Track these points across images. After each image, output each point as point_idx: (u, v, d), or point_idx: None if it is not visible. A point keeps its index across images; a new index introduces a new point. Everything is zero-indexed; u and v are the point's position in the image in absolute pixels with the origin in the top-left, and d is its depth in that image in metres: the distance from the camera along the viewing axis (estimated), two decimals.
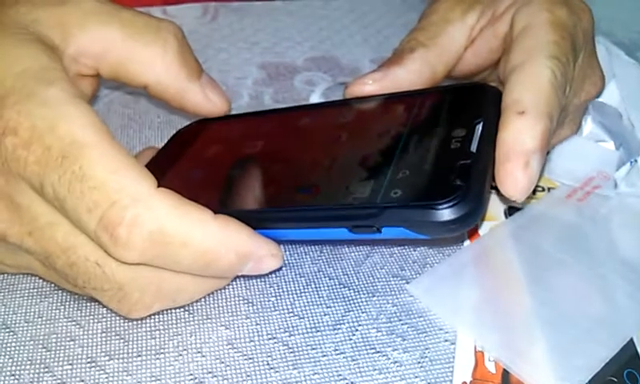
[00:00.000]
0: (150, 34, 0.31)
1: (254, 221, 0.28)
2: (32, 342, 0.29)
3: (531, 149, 0.27)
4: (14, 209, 0.26)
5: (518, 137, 0.28)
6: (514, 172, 0.27)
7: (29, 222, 0.26)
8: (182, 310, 0.30)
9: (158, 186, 0.26)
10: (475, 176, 0.26)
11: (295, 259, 0.33)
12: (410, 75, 0.34)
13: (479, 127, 0.28)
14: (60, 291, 0.31)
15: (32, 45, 0.27)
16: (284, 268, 0.32)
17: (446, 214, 0.25)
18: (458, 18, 0.35)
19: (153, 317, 0.30)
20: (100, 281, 0.26)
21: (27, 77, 0.26)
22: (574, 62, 0.32)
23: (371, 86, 0.34)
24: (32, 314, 0.30)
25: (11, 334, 0.29)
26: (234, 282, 0.32)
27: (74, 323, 0.29)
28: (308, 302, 0.31)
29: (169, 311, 0.30)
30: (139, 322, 0.30)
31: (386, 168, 0.28)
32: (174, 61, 0.31)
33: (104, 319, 0.30)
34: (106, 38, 0.30)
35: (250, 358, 0.28)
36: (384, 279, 0.32)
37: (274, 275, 0.32)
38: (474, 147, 0.27)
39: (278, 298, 0.31)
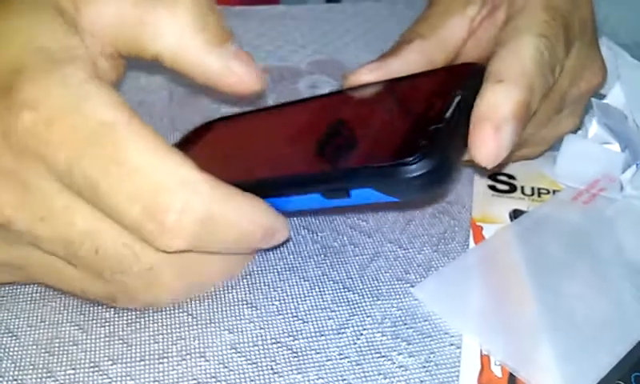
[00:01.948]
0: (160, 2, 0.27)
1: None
2: (35, 347, 0.28)
3: (504, 115, 0.27)
4: (23, 191, 0.24)
5: (492, 102, 0.28)
6: (483, 136, 0.27)
7: (42, 206, 0.24)
8: (185, 314, 0.30)
9: None
10: (442, 138, 0.26)
11: (299, 263, 0.33)
12: (405, 66, 0.34)
13: (457, 98, 0.29)
14: (63, 295, 0.31)
15: (49, 21, 0.25)
16: (288, 272, 0.32)
17: (408, 170, 0.25)
18: (459, 9, 0.36)
19: (156, 321, 0.30)
20: (129, 263, 0.25)
21: (46, 53, 0.24)
22: (566, 47, 0.32)
23: (367, 75, 0.34)
24: (35, 318, 0.30)
25: (14, 338, 0.29)
26: (238, 286, 0.31)
27: (76, 327, 0.29)
28: (312, 306, 0.31)
29: (172, 315, 0.30)
30: (142, 326, 0.29)
31: (359, 136, 0.29)
32: (188, 25, 0.27)
33: (107, 323, 0.29)
34: (117, 7, 0.27)
35: (254, 363, 0.28)
36: (389, 283, 0.32)
37: (277, 279, 0.32)
38: (447, 114, 0.28)
39: (282, 301, 0.31)
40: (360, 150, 0.28)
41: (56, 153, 0.23)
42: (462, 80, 0.30)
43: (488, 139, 0.27)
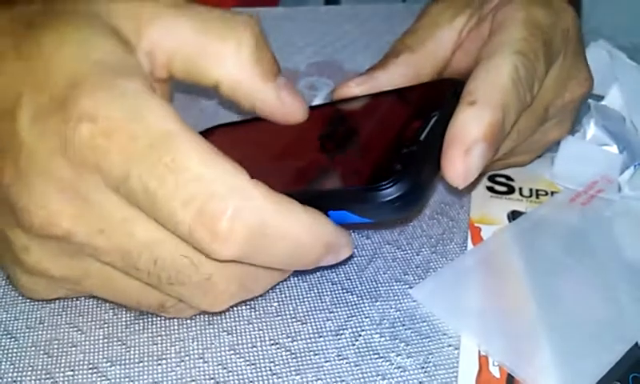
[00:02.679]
0: (224, 29, 0.28)
1: None
2: (34, 348, 0.28)
3: (474, 138, 0.28)
4: (82, 204, 0.24)
5: (464, 125, 0.28)
6: (453, 158, 0.28)
7: (101, 218, 0.24)
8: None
9: None
10: (416, 161, 0.27)
11: None
12: (393, 78, 0.35)
13: (434, 118, 0.29)
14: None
15: (106, 37, 0.26)
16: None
17: (382, 195, 0.26)
18: (447, 21, 0.36)
19: (154, 323, 0.30)
20: (187, 273, 0.25)
21: (104, 67, 0.24)
22: (547, 61, 0.32)
23: (355, 88, 0.35)
24: (33, 320, 0.30)
25: (13, 340, 0.29)
26: None
27: (75, 329, 0.29)
28: (311, 308, 0.31)
29: (171, 317, 0.30)
30: (141, 328, 0.29)
31: (337, 157, 0.29)
32: (249, 58, 0.29)
33: (105, 325, 0.30)
34: (179, 33, 0.28)
35: (253, 364, 0.28)
36: (387, 284, 0.32)
37: None
38: (422, 136, 0.28)
39: (281, 303, 0.31)
40: (336, 172, 0.28)
41: (114, 163, 0.23)
42: (442, 97, 0.31)
43: (457, 161, 0.28)
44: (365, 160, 0.28)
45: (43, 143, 0.24)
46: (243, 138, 0.35)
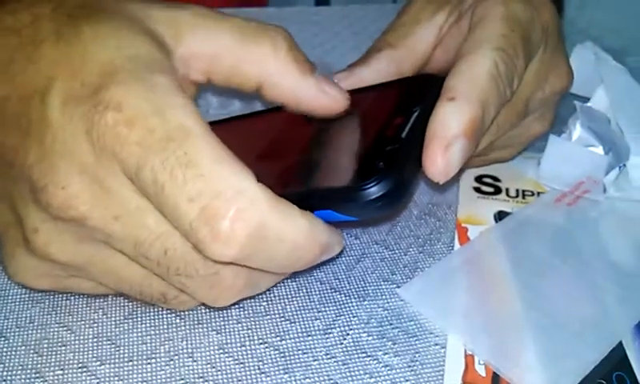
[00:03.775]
0: (259, 36, 0.30)
1: None
2: (24, 348, 0.29)
3: (454, 133, 0.28)
4: (100, 190, 0.25)
5: (443, 121, 0.28)
6: (434, 154, 0.28)
7: (117, 205, 0.25)
8: (174, 315, 0.30)
9: None
10: (398, 159, 0.27)
11: None
12: (374, 74, 0.35)
13: (415, 115, 0.29)
14: (52, 296, 0.31)
15: (142, 36, 0.27)
16: None
17: (366, 194, 0.26)
18: (428, 17, 0.37)
19: (144, 322, 0.30)
20: (196, 266, 0.26)
21: (137, 61, 0.25)
22: (527, 56, 0.32)
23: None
24: (23, 319, 0.30)
25: (3, 339, 0.29)
26: None
27: (65, 328, 0.29)
28: (299, 307, 0.31)
29: (160, 316, 0.30)
30: (130, 327, 0.30)
31: (320, 156, 0.30)
32: (286, 57, 0.30)
33: (95, 324, 0.30)
34: (218, 41, 0.29)
35: (242, 363, 0.28)
36: (375, 283, 0.32)
37: None
38: (404, 133, 0.28)
39: (270, 302, 0.31)
40: (320, 171, 0.29)
41: (131, 152, 0.24)
42: (422, 93, 0.31)
43: (438, 157, 0.28)
44: (348, 158, 0.28)
45: (70, 126, 0.25)
46: (228, 138, 0.35)
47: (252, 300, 0.31)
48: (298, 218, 0.26)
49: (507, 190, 0.39)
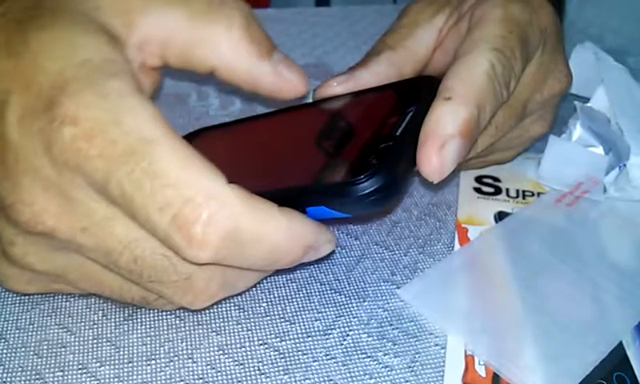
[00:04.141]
0: (213, 13, 0.28)
1: None
2: (23, 349, 0.29)
3: (450, 133, 0.28)
4: (65, 203, 0.25)
5: (439, 120, 0.28)
6: (428, 153, 0.28)
7: (83, 217, 0.25)
8: (173, 316, 0.30)
9: None
10: (391, 156, 0.27)
11: None
12: (374, 77, 0.35)
13: (410, 114, 0.29)
14: (51, 298, 0.31)
15: (94, 34, 0.26)
16: (275, 273, 0.32)
17: (358, 189, 0.26)
18: (427, 20, 0.37)
19: (144, 323, 0.30)
20: (167, 273, 0.26)
21: (89, 67, 0.24)
22: (524, 58, 0.32)
23: (336, 87, 0.35)
24: (23, 321, 0.30)
25: (2, 341, 0.29)
26: None
27: (65, 330, 0.29)
28: (299, 308, 0.31)
29: (160, 317, 0.30)
30: (130, 328, 0.30)
31: (314, 153, 0.30)
32: (242, 38, 0.28)
33: (95, 326, 0.30)
34: (170, 22, 0.28)
35: (241, 364, 0.28)
36: (375, 284, 0.32)
37: (265, 281, 0.32)
38: (398, 131, 0.28)
39: (269, 303, 0.31)
40: (314, 169, 0.29)
41: (94, 166, 0.24)
42: (418, 93, 0.31)
43: (432, 156, 0.28)
44: (342, 156, 0.28)
45: (29, 143, 0.24)
46: (226, 139, 0.35)
47: (252, 301, 0.31)
48: (276, 218, 0.25)
49: (507, 190, 0.39)
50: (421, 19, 0.37)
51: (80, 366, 0.28)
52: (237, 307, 0.31)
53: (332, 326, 0.30)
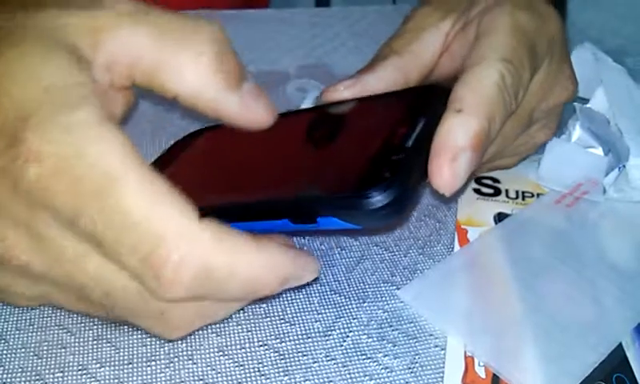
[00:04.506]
0: (184, 38, 0.27)
1: (214, 215, 0.28)
2: (23, 350, 0.29)
3: (461, 146, 0.28)
4: (36, 239, 0.24)
5: (451, 132, 0.28)
6: (440, 166, 0.28)
7: (55, 253, 0.25)
8: None
9: None
10: (403, 168, 0.27)
11: None
12: (380, 82, 0.35)
13: (421, 124, 0.29)
14: None
15: (58, 56, 0.25)
16: None
17: (370, 202, 0.26)
18: (433, 24, 0.36)
19: None
20: (140, 308, 0.26)
21: (51, 96, 0.24)
22: (533, 68, 0.32)
23: (343, 92, 0.35)
24: (23, 321, 0.30)
25: (3, 342, 0.29)
26: None
27: (65, 331, 0.30)
28: (299, 309, 0.31)
29: None
30: (130, 329, 0.30)
31: (325, 163, 0.30)
32: (208, 67, 0.27)
33: (95, 327, 0.30)
34: (138, 43, 0.27)
35: (241, 365, 0.28)
36: (375, 285, 0.32)
37: None
38: (410, 143, 0.28)
39: (269, 304, 0.31)
40: (325, 179, 0.29)
41: (62, 203, 0.23)
42: (427, 103, 0.31)
43: (444, 169, 0.28)
44: (352, 166, 0.28)
45: None
46: (231, 142, 0.35)
47: (252, 302, 0.31)
48: (251, 252, 0.25)
49: (507, 191, 0.39)
50: (427, 24, 0.36)
51: (80, 367, 0.28)
52: None
53: (332, 328, 0.30)
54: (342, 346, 0.29)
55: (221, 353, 0.29)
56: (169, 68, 0.27)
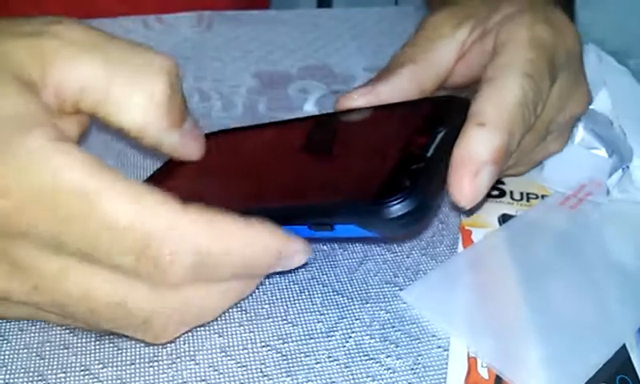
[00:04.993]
0: (135, 74, 0.27)
1: None
2: (26, 351, 0.29)
3: (483, 160, 0.28)
4: (13, 267, 0.25)
5: (473, 147, 0.28)
6: (462, 180, 0.28)
7: (33, 276, 0.25)
8: None
9: None
10: (424, 178, 0.27)
11: None
12: (396, 91, 0.34)
13: (440, 135, 0.29)
14: None
15: (5, 84, 0.24)
16: (277, 275, 0.33)
17: (390, 211, 0.26)
18: (449, 33, 0.36)
19: None
20: (124, 319, 0.26)
21: (5, 126, 0.23)
22: (551, 81, 0.32)
23: (358, 100, 0.34)
24: (26, 322, 0.30)
25: (5, 342, 0.29)
26: None
27: (67, 331, 0.29)
28: (301, 310, 0.31)
29: None
30: None
31: (344, 170, 0.30)
32: (159, 109, 0.28)
33: None
34: (84, 73, 0.26)
35: (244, 366, 0.28)
36: (377, 286, 0.32)
37: (267, 282, 0.32)
38: (430, 153, 0.28)
39: (272, 305, 0.31)
40: (344, 186, 0.28)
41: (41, 233, 0.23)
42: (446, 114, 0.31)
43: (465, 183, 0.28)
44: (372, 174, 0.28)
45: None
46: (246, 146, 0.35)
47: (254, 303, 0.31)
48: (240, 230, 0.25)
49: (511, 192, 0.38)
50: (443, 32, 0.36)
51: (82, 368, 0.28)
52: (239, 309, 0.31)
53: (334, 328, 0.30)
54: (344, 346, 0.29)
55: (223, 353, 0.29)
56: (116, 102, 0.27)
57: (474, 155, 0.28)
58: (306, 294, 0.32)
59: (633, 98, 0.40)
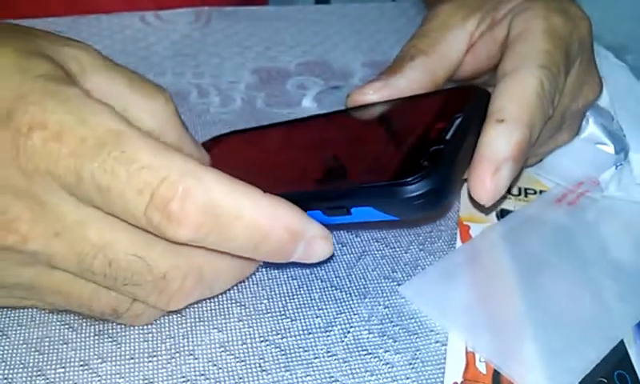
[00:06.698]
0: (150, 89, 0.30)
1: None
2: (25, 346, 0.29)
3: (503, 157, 0.28)
4: (37, 209, 0.25)
5: (493, 143, 0.28)
6: (482, 176, 0.28)
7: (56, 222, 0.25)
8: (175, 313, 0.30)
9: None
10: (443, 159, 0.27)
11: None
12: (410, 83, 0.34)
13: (458, 120, 0.29)
14: None
15: (50, 61, 0.26)
16: (276, 270, 0.33)
17: (408, 190, 0.26)
18: (459, 23, 0.36)
19: None
20: (142, 274, 0.26)
21: (46, 79, 0.25)
22: (567, 71, 0.32)
23: (372, 95, 0.34)
24: (25, 317, 0.30)
25: (4, 337, 0.29)
26: None
27: (66, 326, 0.29)
28: (300, 305, 0.31)
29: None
30: (132, 325, 0.30)
31: (361, 155, 0.30)
32: (171, 117, 0.30)
33: (96, 322, 0.30)
34: (114, 82, 0.29)
35: (242, 361, 0.28)
36: (376, 281, 0.32)
37: (265, 277, 0.32)
38: (449, 135, 0.28)
39: (270, 300, 0.31)
40: (361, 169, 0.28)
41: (67, 165, 0.24)
42: (463, 102, 0.31)
43: (486, 180, 0.28)
44: (390, 156, 0.28)
45: None
46: (265, 141, 0.36)
47: (253, 298, 0.31)
48: (255, 196, 0.25)
49: (509, 188, 0.38)
50: (452, 23, 0.36)
51: (81, 363, 0.28)
52: (238, 304, 0.31)
53: (333, 323, 0.30)
54: (343, 341, 0.29)
55: (222, 348, 0.29)
56: (138, 109, 0.29)
57: (494, 152, 0.28)
58: (305, 289, 0.32)
59: (630, 94, 0.40)
